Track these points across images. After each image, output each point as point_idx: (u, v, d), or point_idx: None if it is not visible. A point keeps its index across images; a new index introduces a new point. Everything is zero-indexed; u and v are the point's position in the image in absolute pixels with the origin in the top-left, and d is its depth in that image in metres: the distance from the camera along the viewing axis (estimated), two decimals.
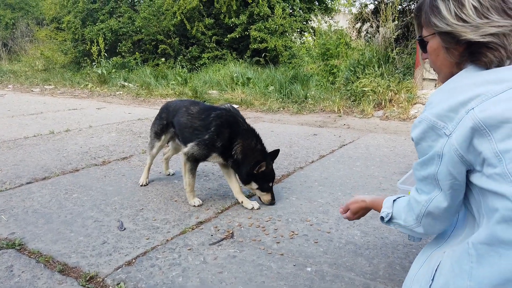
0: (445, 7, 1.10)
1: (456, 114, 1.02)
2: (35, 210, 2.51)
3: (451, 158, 1.04)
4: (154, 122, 3.00)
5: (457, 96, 1.03)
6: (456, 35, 1.08)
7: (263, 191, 2.57)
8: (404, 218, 1.26)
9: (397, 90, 5.82)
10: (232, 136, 2.52)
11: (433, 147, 1.07)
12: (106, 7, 11.43)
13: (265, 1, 9.70)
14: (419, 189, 1.18)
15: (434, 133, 1.06)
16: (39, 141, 4.40)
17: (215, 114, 2.56)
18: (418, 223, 1.20)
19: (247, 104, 6.88)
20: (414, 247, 2.03)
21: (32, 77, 11.51)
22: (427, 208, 1.15)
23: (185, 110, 2.70)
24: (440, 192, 1.10)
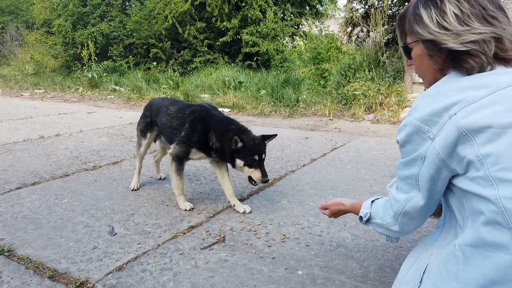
0: (427, 15, 1.12)
1: (439, 119, 1.05)
2: (25, 216, 2.49)
3: (433, 161, 1.07)
4: (139, 121, 3.04)
5: (440, 101, 1.06)
6: (438, 42, 1.11)
7: (251, 167, 2.42)
8: (381, 216, 1.30)
9: (388, 94, 5.88)
10: (206, 129, 2.53)
11: (417, 150, 1.10)
12: (97, 11, 11.38)
13: (257, 5, 9.74)
14: (399, 187, 1.22)
15: (419, 136, 1.09)
16: (28, 146, 4.36)
17: (188, 111, 2.63)
18: (394, 221, 1.25)
19: (239, 108, 6.89)
20: (404, 250, 2.05)
21: (21, 81, 11.40)
22: (404, 207, 1.19)
23: (165, 111, 2.76)
24: (418, 193, 1.14)
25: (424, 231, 2.23)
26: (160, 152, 3.22)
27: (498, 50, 1.06)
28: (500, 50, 1.06)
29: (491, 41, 1.05)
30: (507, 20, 1.09)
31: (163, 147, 3.12)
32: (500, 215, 0.96)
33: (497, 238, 0.96)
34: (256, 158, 2.42)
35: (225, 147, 2.48)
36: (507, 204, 0.96)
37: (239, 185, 3.09)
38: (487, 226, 0.98)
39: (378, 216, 1.33)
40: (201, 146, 2.56)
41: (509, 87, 1.02)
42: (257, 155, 2.43)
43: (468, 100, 1.02)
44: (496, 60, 1.07)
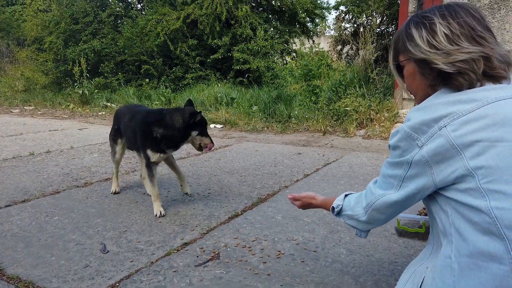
0: (419, 35, 1.15)
1: (428, 128, 1.08)
2: (14, 234, 2.44)
3: (419, 168, 1.11)
4: (111, 131, 3.27)
5: (430, 114, 1.09)
6: (429, 62, 1.14)
7: (202, 136, 2.77)
8: (352, 207, 1.35)
9: (378, 110, 5.96)
10: (153, 128, 2.76)
11: (404, 155, 1.14)
12: (89, 28, 11.42)
13: (248, 23, 9.88)
14: (378, 182, 1.26)
15: (408, 143, 1.12)
16: (18, 163, 4.30)
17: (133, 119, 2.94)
18: (364, 213, 1.29)
19: (231, 123, 6.91)
20: (399, 265, 2.04)
21: (11, 98, 11.31)
22: (377, 200, 1.23)
23: (123, 121, 3.06)
24: (396, 192, 1.18)
25: (419, 246, 2.23)
26: (141, 163, 3.33)
27: (487, 68, 1.09)
28: (489, 68, 1.10)
29: (480, 59, 1.09)
30: (495, 40, 1.13)
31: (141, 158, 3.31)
32: (493, 226, 0.99)
33: (492, 249, 0.98)
34: (206, 127, 2.80)
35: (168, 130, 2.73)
36: (499, 214, 0.98)
37: (232, 201, 3.07)
38: (482, 236, 1.00)
39: (349, 208, 1.37)
40: (155, 144, 2.78)
41: (497, 101, 1.05)
42: (206, 124, 2.81)
43: (458, 113, 1.06)
44: (485, 77, 1.11)
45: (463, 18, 1.12)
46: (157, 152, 2.78)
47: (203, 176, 3.77)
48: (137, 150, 3.01)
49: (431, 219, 1.23)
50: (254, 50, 9.72)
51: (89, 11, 11.48)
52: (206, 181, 3.61)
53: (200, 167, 4.14)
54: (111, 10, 11.63)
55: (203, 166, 4.16)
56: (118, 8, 11.92)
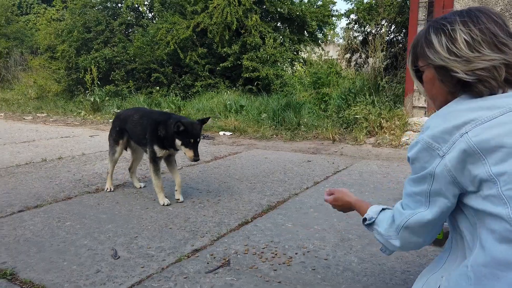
0: (438, 41, 1.13)
1: (450, 137, 1.06)
2: (27, 239, 2.46)
3: (443, 179, 1.07)
4: (111, 132, 3.52)
5: (452, 120, 1.07)
6: (448, 69, 1.12)
7: (186, 147, 2.94)
8: (385, 228, 1.29)
9: (389, 118, 5.93)
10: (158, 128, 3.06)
11: (426, 168, 1.10)
12: (101, 37, 11.60)
13: (257, 32, 9.95)
14: (404, 204, 1.21)
15: (428, 154, 1.10)
16: (31, 169, 4.36)
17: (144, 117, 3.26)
18: (396, 235, 1.23)
19: (241, 131, 6.93)
20: (412, 274, 2.02)
21: (24, 105, 11.49)
22: (408, 220, 1.17)
23: (131, 119, 3.33)
24: (426, 209, 1.13)
25: (431, 255, 2.20)
26: (135, 161, 3.67)
27: (509, 75, 1.07)
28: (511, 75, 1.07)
29: (501, 66, 1.06)
30: None
31: (136, 156, 3.63)
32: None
33: (510, 257, 0.96)
34: (191, 141, 2.93)
35: (167, 133, 3.00)
36: None
37: (242, 208, 3.07)
38: (500, 245, 0.98)
39: (382, 226, 1.31)
40: (159, 142, 3.08)
41: None
42: (192, 139, 2.94)
43: (480, 119, 1.04)
44: (507, 84, 1.09)
45: (485, 25, 1.09)
46: (162, 149, 3.10)
47: (213, 183, 3.78)
48: (143, 145, 3.28)
49: (453, 230, 1.20)
50: (263, 58, 9.78)
51: (101, 20, 11.68)
52: (216, 188, 3.62)
53: (210, 174, 4.15)
54: (122, 19, 11.81)
55: (212, 173, 4.17)
56: (129, 17, 12.10)
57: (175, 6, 11.11)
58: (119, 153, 3.49)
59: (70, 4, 12.06)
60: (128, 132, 3.40)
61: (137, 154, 3.62)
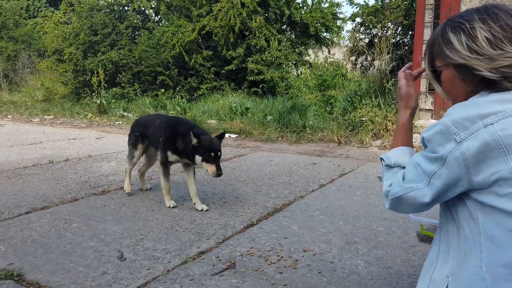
0: (457, 39, 1.10)
1: (472, 124, 1.01)
2: (34, 240, 2.48)
3: (456, 166, 1.02)
4: (130, 137, 3.54)
5: (476, 109, 1.03)
6: (470, 67, 1.08)
7: (207, 162, 2.86)
8: (384, 185, 1.20)
9: (395, 120, 5.90)
10: (176, 136, 3.06)
11: (437, 152, 1.05)
12: (107, 40, 11.68)
13: (262, 34, 9.97)
14: (406, 174, 1.14)
15: (443, 137, 1.04)
16: (38, 170, 4.39)
17: (165, 122, 3.27)
18: (386, 199, 1.17)
19: (246, 133, 6.93)
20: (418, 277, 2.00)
21: (31, 107, 11.59)
22: (405, 194, 1.11)
23: (152, 124, 3.34)
24: (425, 188, 1.08)
25: None
26: (145, 165, 3.69)
27: None
28: None
29: None
30: None
31: (150, 159, 3.64)
32: None
33: None
34: (212, 155, 2.86)
35: (186, 147, 2.97)
36: None
37: (247, 210, 3.07)
38: None
39: (384, 179, 1.22)
40: (175, 150, 3.09)
41: None
42: (213, 153, 2.86)
43: (507, 112, 1.00)
44: None
45: (504, 21, 1.05)
46: (175, 155, 3.11)
47: (218, 185, 3.78)
48: (157, 149, 3.29)
49: (447, 221, 1.15)
50: (268, 60, 9.78)
51: (108, 23, 11.76)
52: (221, 190, 3.62)
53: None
54: (129, 22, 11.89)
55: None
56: (136, 20, 12.18)
57: (181, 9, 11.16)
58: (138, 157, 3.50)
59: (77, 8, 12.17)
60: (148, 138, 3.40)
61: (150, 160, 3.65)
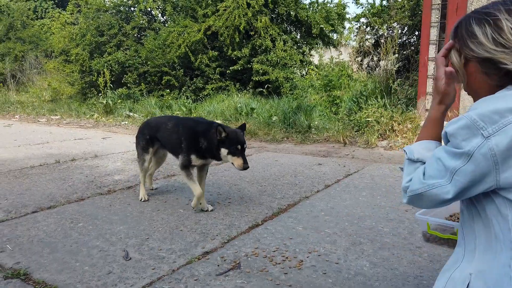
0: (482, 32, 1.06)
1: (501, 118, 0.97)
2: (41, 239, 2.50)
3: (483, 162, 0.97)
4: (138, 141, 3.38)
5: (506, 103, 0.99)
6: (495, 61, 1.04)
7: (234, 156, 2.77)
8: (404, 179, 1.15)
9: (401, 121, 5.87)
10: (198, 136, 2.94)
11: (462, 147, 1.00)
12: (114, 40, 11.74)
13: (267, 34, 9.97)
14: (427, 170, 1.08)
15: (469, 131, 0.99)
16: (45, 170, 4.42)
17: (182, 125, 3.12)
18: (405, 194, 1.13)
19: (251, 133, 6.93)
20: (425, 279, 1.99)
21: (38, 108, 11.68)
22: (426, 191, 1.06)
23: (165, 127, 3.20)
24: (447, 185, 1.03)
25: (445, 260, 2.17)
26: (153, 166, 3.59)
27: None
28: None
29: None
30: None
31: (158, 161, 3.56)
32: None
33: None
34: (239, 147, 2.76)
35: (211, 144, 2.85)
36: None
37: (252, 210, 3.07)
38: None
39: (404, 173, 1.17)
40: (198, 151, 2.97)
41: None
42: (239, 146, 2.77)
43: None
44: None
45: None
46: (200, 158, 3.01)
47: (223, 186, 3.78)
48: (176, 154, 3.16)
49: (471, 219, 1.11)
50: (273, 61, 9.78)
51: (114, 24, 11.83)
52: (226, 191, 3.62)
53: (220, 176, 4.16)
54: (135, 22, 11.95)
55: (223, 176, 4.18)
56: (142, 21, 12.23)
57: (186, 9, 11.20)
58: (149, 161, 3.37)
59: (83, 8, 12.26)
60: (160, 141, 3.28)
61: (159, 161, 3.58)
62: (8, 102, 13.01)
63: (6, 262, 2.19)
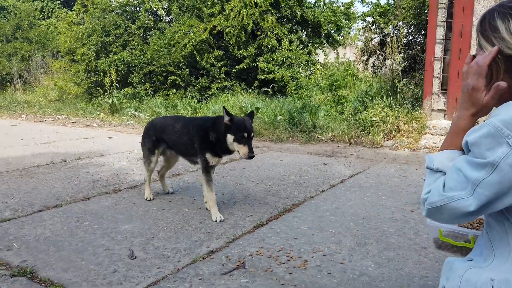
0: (505, 27, 1.00)
1: None
2: (47, 238, 2.52)
3: (510, 172, 0.91)
4: (144, 142, 3.32)
5: None
6: None
7: (239, 143, 2.71)
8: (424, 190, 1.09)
9: (407, 121, 5.84)
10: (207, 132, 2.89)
11: (486, 157, 0.94)
12: (119, 40, 11.80)
13: (273, 34, 9.96)
14: (447, 181, 1.02)
15: (493, 140, 0.93)
16: (51, 169, 4.46)
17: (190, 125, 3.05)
18: (424, 207, 1.07)
19: (256, 133, 6.93)
20: (430, 280, 1.98)
21: (45, 107, 11.77)
22: (446, 204, 1.00)
23: (172, 130, 3.12)
24: (469, 197, 0.96)
25: None
26: (165, 167, 3.53)
27: None
28: None
29: None
30: None
31: (168, 160, 3.47)
32: None
33: None
34: (245, 135, 2.70)
35: (219, 135, 2.80)
36: None
37: (257, 210, 3.07)
38: None
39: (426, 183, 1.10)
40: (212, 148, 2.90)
41: None
42: (245, 133, 2.71)
43: None
44: None
45: None
46: (215, 156, 2.93)
47: (228, 185, 3.79)
48: (191, 156, 3.09)
49: (506, 234, 1.04)
50: (278, 60, 9.78)
51: (120, 24, 11.88)
52: (231, 190, 3.62)
53: (225, 176, 4.16)
54: (141, 22, 11.99)
55: (228, 175, 4.18)
56: (147, 21, 12.28)
57: (192, 9, 11.22)
58: (155, 162, 3.31)
59: (90, 8, 12.32)
60: (166, 142, 3.22)
61: (170, 161, 3.49)
62: (15, 102, 13.13)
63: (13, 260, 2.21)
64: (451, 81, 5.74)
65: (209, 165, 2.93)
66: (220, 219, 2.83)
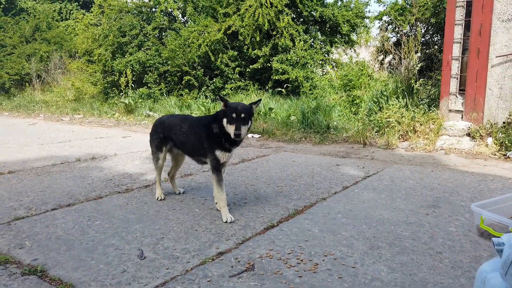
0: None
1: None
2: (58, 237, 2.53)
3: None
4: (152, 139, 3.36)
5: None
6: None
7: (230, 124, 2.74)
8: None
9: (423, 122, 5.72)
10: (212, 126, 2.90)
11: None
12: (135, 41, 11.93)
13: (288, 34, 9.91)
14: None
15: None
16: (65, 168, 4.51)
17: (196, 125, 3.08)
18: None
19: (269, 133, 6.90)
20: (445, 286, 1.91)
21: (62, 107, 11.99)
22: None
23: (179, 129, 3.15)
24: None
25: (467, 267, 2.08)
26: (174, 167, 3.53)
27: None
28: None
29: None
30: None
31: (176, 159, 3.48)
32: None
33: None
34: (234, 116, 2.72)
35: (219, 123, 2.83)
36: None
37: (268, 211, 3.03)
38: None
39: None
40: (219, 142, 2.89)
41: None
42: (234, 114, 2.72)
43: None
44: None
45: None
46: (224, 151, 2.90)
47: (239, 186, 3.76)
48: (196, 156, 3.12)
49: None
50: (293, 60, 9.72)
51: (136, 25, 12.01)
52: (242, 191, 3.60)
53: (237, 176, 4.14)
54: (156, 23, 12.10)
55: (240, 176, 4.16)
56: (163, 21, 12.37)
57: (207, 9, 11.26)
58: (163, 159, 3.32)
59: (106, 10, 12.50)
60: (173, 141, 3.24)
61: (177, 161, 3.50)
62: (33, 102, 13.41)
63: (24, 258, 2.23)
64: (469, 82, 5.60)
65: (220, 162, 2.91)
66: (230, 220, 2.80)
